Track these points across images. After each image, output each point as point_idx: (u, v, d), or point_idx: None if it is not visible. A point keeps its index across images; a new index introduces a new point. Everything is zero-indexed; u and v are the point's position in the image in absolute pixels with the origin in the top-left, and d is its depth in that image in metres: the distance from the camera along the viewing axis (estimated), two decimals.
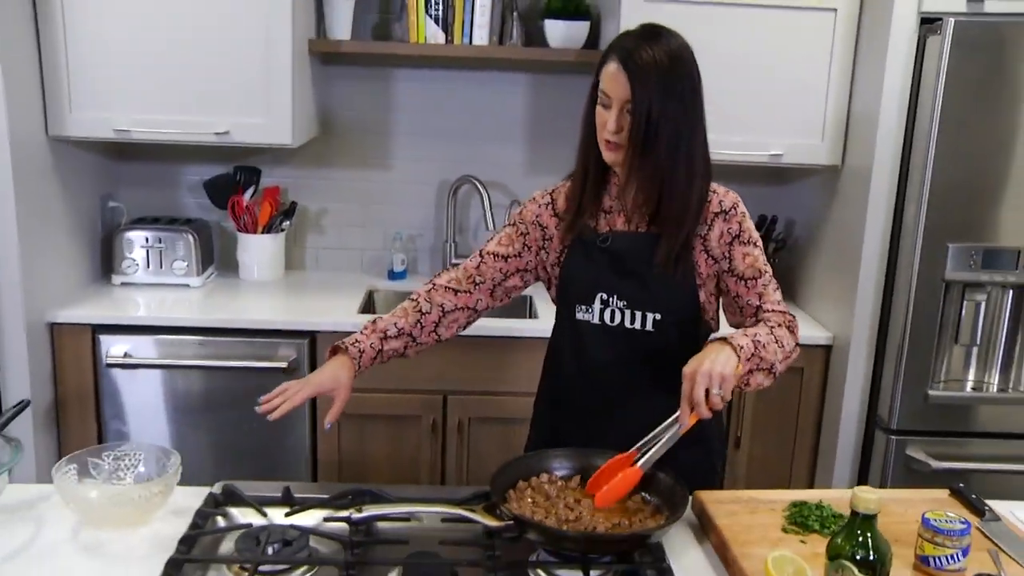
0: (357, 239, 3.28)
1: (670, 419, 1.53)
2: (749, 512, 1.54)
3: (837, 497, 1.58)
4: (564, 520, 1.45)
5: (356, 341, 1.75)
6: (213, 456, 2.73)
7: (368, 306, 3.05)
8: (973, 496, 1.61)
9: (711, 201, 1.72)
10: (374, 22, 3.10)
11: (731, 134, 2.74)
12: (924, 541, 1.38)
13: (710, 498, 1.58)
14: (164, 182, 3.18)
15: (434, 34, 2.89)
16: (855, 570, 1.18)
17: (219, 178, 3.07)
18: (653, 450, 1.51)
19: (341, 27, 2.91)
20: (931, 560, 1.37)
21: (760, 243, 1.75)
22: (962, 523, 1.36)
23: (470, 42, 2.90)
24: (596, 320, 1.75)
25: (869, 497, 1.19)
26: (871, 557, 1.18)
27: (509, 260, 1.83)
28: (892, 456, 2.59)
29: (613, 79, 1.62)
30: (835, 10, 2.67)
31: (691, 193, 1.68)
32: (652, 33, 1.67)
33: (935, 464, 2.53)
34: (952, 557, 1.35)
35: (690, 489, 1.54)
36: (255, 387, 2.64)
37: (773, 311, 1.71)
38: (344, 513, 1.47)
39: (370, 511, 1.45)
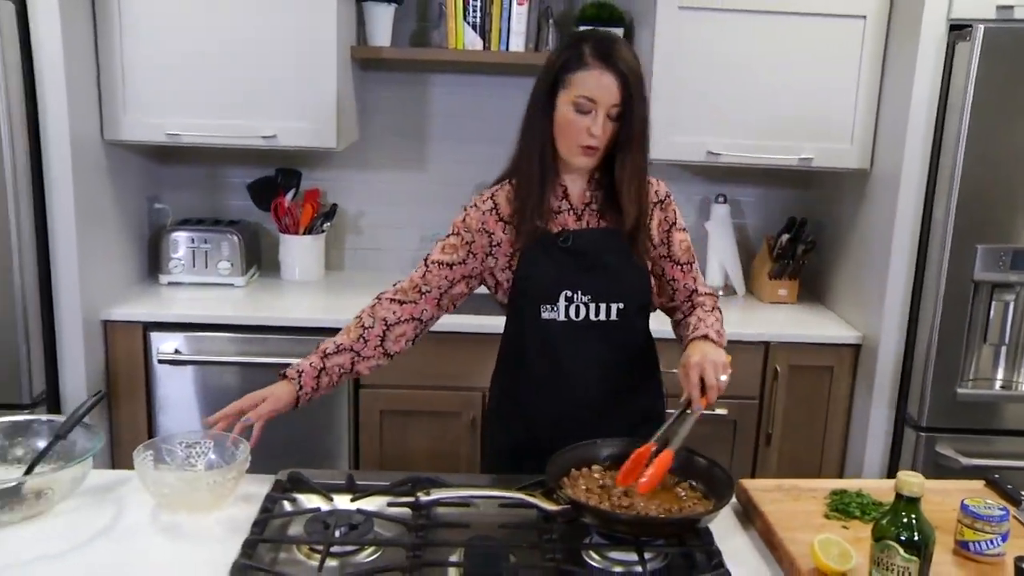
0: (394, 240, 3.37)
1: (678, 411, 1.64)
2: (792, 499, 1.60)
3: (875, 487, 1.65)
4: (617, 506, 1.52)
5: (298, 364, 1.76)
6: (259, 450, 2.79)
7: None
8: (1009, 487, 1.68)
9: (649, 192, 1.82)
10: (412, 29, 3.19)
11: (762, 139, 2.81)
12: (964, 527, 1.44)
13: (754, 486, 1.65)
14: (208, 184, 3.28)
15: (472, 41, 2.97)
16: (901, 551, 1.24)
17: (261, 180, 3.16)
18: (678, 436, 1.58)
19: (381, 34, 3.00)
20: (971, 545, 1.43)
21: (687, 228, 1.89)
22: (1001, 510, 1.43)
23: (507, 48, 2.98)
24: (562, 317, 1.80)
25: (913, 481, 1.26)
26: (916, 538, 1.24)
27: (454, 267, 1.83)
28: (921, 453, 2.65)
29: (600, 85, 1.67)
30: (864, 17, 2.74)
31: (647, 185, 1.81)
32: (613, 37, 1.73)
33: (964, 461, 2.58)
34: (991, 542, 1.41)
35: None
36: None
37: (706, 294, 1.89)
38: (409, 498, 1.54)
39: (435, 495, 1.52)
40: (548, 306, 1.80)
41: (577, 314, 1.80)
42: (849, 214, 2.98)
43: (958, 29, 2.51)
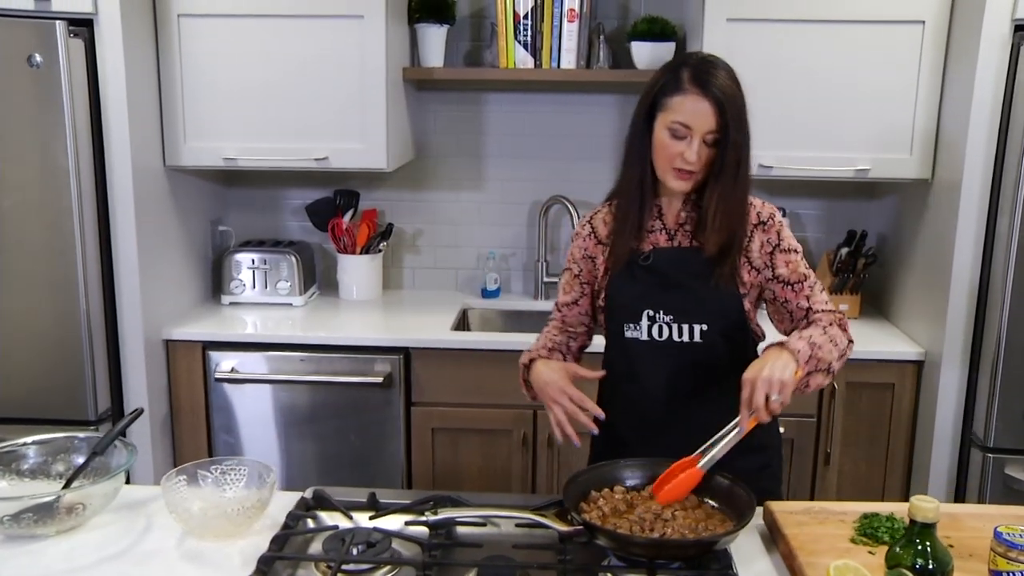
0: (451, 259, 3.40)
1: (730, 424, 1.58)
2: (819, 523, 1.55)
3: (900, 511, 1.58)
4: (640, 528, 1.49)
5: (531, 353, 1.90)
6: (315, 466, 2.87)
7: (462, 323, 3.15)
8: None
9: (748, 214, 1.78)
10: (467, 49, 3.22)
11: (816, 150, 2.75)
12: (996, 556, 1.36)
13: (780, 508, 1.60)
14: (270, 206, 3.37)
15: (523, 59, 2.99)
16: None
17: (320, 202, 3.23)
18: (713, 451, 1.56)
19: (434, 55, 3.04)
20: (1004, 575, 1.36)
21: (800, 249, 1.80)
22: None
23: (558, 66, 2.99)
24: (644, 336, 1.79)
25: (927, 506, 1.21)
26: (930, 566, 1.19)
27: (580, 302, 1.93)
28: (989, 475, 2.53)
29: (695, 110, 1.66)
30: (923, 22, 2.65)
31: (748, 208, 1.77)
32: (712, 61, 1.73)
33: None
34: None
35: (756, 494, 1.57)
36: (352, 401, 2.80)
37: (823, 311, 1.76)
38: (422, 517, 1.55)
39: (445, 514, 1.52)
40: (631, 325, 1.81)
41: (660, 334, 1.78)
42: (912, 226, 2.88)
43: (1023, 30, 2.41)
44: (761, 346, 1.76)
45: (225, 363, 2.80)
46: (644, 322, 1.79)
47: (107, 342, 2.68)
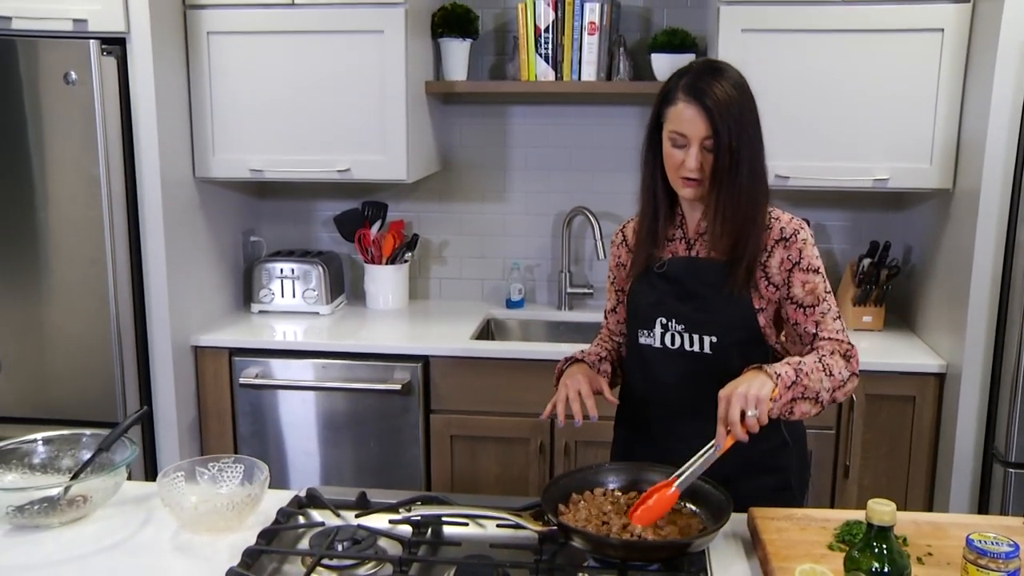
0: (477, 269, 3.44)
1: (709, 444, 1.56)
2: (799, 529, 1.55)
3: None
4: (619, 531, 1.51)
5: (578, 355, 1.92)
6: (336, 471, 2.93)
7: (485, 333, 3.19)
8: None
9: (772, 228, 1.76)
10: (491, 63, 3.27)
11: (834, 160, 2.73)
12: (968, 563, 1.35)
13: (762, 514, 1.60)
14: (301, 217, 3.46)
15: (544, 72, 3.03)
16: None
17: (347, 213, 3.31)
18: (689, 471, 1.54)
19: (457, 69, 3.10)
20: None
21: (822, 270, 1.76)
22: (1010, 545, 1.33)
23: (579, 78, 3.02)
24: (657, 344, 1.81)
25: (883, 509, 1.20)
26: (886, 570, 1.19)
27: (617, 309, 1.99)
28: (1011, 490, 2.48)
29: (687, 119, 1.68)
30: (942, 30, 2.62)
31: (762, 215, 1.75)
32: (712, 68, 1.74)
33: None
34: None
35: None
36: (373, 408, 2.86)
37: (829, 339, 1.72)
38: (398, 516, 1.59)
39: (423, 511, 1.56)
40: (645, 331, 1.83)
41: (672, 342, 1.80)
42: (935, 236, 2.83)
43: None
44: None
45: (249, 370, 2.88)
46: (657, 329, 1.81)
47: (136, 348, 2.78)
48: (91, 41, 2.55)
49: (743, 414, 1.51)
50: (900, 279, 3.00)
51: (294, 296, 3.20)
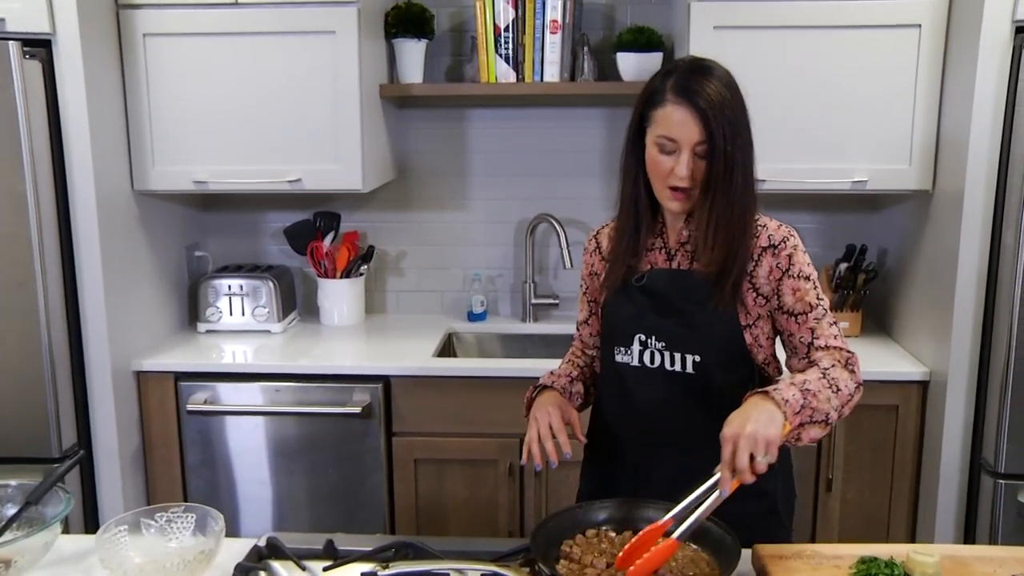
0: (436, 281, 3.28)
1: (708, 483, 1.40)
2: (811, 569, 1.42)
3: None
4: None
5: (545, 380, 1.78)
6: (291, 502, 2.75)
7: (447, 348, 3.03)
8: None
9: (759, 236, 1.63)
10: (448, 64, 3.12)
11: (811, 161, 2.62)
12: None
13: (771, 552, 1.47)
14: (248, 230, 3.26)
15: (504, 73, 2.88)
16: None
17: (298, 225, 3.12)
18: (691, 520, 1.39)
19: (412, 71, 2.93)
20: None
21: (814, 277, 1.64)
22: None
23: (541, 79, 2.87)
24: (635, 362, 1.68)
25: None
26: None
27: (590, 321, 1.86)
28: (1001, 502, 2.39)
29: (677, 122, 1.54)
30: (919, 26, 2.53)
31: (752, 224, 1.63)
32: (701, 66, 1.60)
33: None
34: None
35: (756, 541, 1.43)
36: (331, 433, 2.68)
37: (827, 347, 1.59)
38: (378, 569, 1.43)
39: (399, 568, 1.40)
40: (622, 349, 1.70)
41: (652, 360, 1.66)
42: (914, 239, 2.75)
43: None
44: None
45: (197, 395, 2.68)
46: (636, 347, 1.67)
47: (72, 375, 2.56)
48: (11, 42, 2.33)
49: (751, 456, 1.36)
50: (876, 284, 2.91)
51: (243, 314, 3.00)
